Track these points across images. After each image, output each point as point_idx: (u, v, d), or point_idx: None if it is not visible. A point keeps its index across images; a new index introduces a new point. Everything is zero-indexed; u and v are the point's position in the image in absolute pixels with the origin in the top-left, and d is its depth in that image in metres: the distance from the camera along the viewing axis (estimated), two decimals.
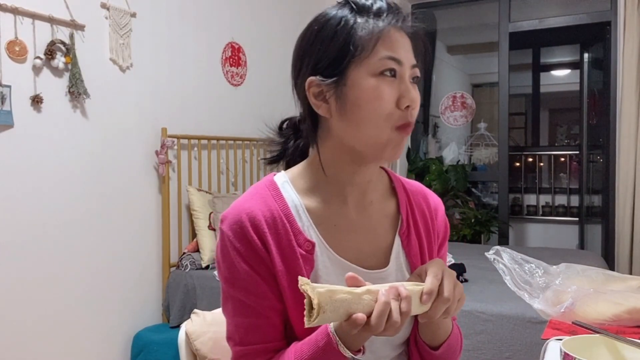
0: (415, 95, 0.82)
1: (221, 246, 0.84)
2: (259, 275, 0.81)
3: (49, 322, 2.31)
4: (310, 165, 0.89)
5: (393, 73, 0.80)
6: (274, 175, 0.91)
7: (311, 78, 0.82)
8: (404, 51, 0.81)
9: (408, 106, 0.80)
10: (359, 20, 0.81)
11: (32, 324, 2.24)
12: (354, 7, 0.82)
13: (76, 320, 2.43)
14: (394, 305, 0.70)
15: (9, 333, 2.16)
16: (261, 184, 0.89)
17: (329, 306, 0.66)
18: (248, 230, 0.81)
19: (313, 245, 0.83)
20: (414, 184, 0.98)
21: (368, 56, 0.79)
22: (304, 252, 0.82)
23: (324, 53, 0.81)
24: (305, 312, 0.68)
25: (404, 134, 0.82)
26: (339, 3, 0.84)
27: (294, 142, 0.94)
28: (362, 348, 0.76)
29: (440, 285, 0.75)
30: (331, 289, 0.67)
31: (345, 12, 0.82)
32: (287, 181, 0.88)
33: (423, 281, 0.76)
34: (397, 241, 0.89)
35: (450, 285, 0.76)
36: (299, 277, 0.69)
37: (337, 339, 0.73)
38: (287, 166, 0.93)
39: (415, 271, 0.81)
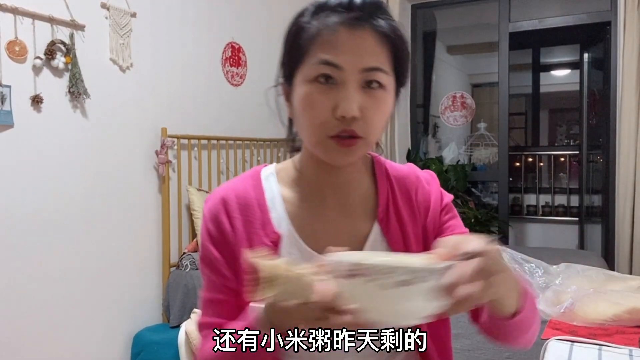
0: (350, 105, 0.73)
1: (202, 223, 0.88)
2: (223, 257, 0.83)
3: (49, 321, 2.31)
4: (294, 162, 0.90)
5: (329, 79, 0.75)
6: (264, 167, 0.92)
7: (281, 80, 0.85)
8: (351, 54, 0.74)
9: (343, 116, 0.73)
10: (311, 21, 0.77)
11: (32, 323, 2.24)
12: (314, 6, 0.78)
13: (76, 320, 2.43)
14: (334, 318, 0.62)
15: (9, 333, 2.16)
16: (247, 173, 0.91)
17: (276, 280, 0.62)
18: (221, 214, 0.84)
19: (279, 237, 0.83)
20: (402, 169, 0.93)
21: (303, 60, 0.76)
22: (269, 243, 0.82)
23: (283, 57, 0.82)
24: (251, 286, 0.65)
25: (340, 145, 0.75)
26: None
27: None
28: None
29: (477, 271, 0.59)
30: (276, 264, 0.63)
31: (305, 12, 0.79)
32: (272, 173, 0.90)
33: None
34: (376, 229, 0.85)
35: (487, 269, 0.59)
36: (249, 252, 0.66)
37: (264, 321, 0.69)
38: (293, 150, 0.93)
39: (451, 241, 0.64)
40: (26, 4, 2.17)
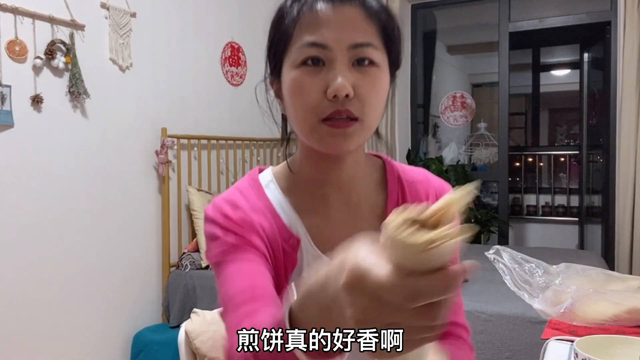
0: (341, 83, 0.68)
1: (207, 229, 0.77)
2: (247, 237, 0.75)
3: (48, 322, 2.31)
4: (290, 164, 0.85)
5: (317, 61, 0.70)
6: (260, 172, 0.86)
7: (269, 76, 0.80)
8: (337, 30, 0.70)
9: (335, 96, 0.69)
10: (293, 4, 0.73)
11: (32, 323, 2.24)
12: None
13: (76, 320, 2.43)
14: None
15: (9, 333, 2.16)
16: (244, 182, 0.83)
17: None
18: (233, 212, 0.76)
19: (298, 241, 0.77)
20: (416, 174, 0.87)
21: (289, 47, 0.72)
22: (288, 249, 0.77)
23: (269, 49, 0.78)
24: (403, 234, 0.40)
25: (335, 128, 0.70)
26: None
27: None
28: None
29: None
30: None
31: (286, 1, 0.75)
32: (272, 180, 0.84)
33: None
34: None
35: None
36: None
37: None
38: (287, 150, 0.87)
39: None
40: (26, 4, 2.17)
